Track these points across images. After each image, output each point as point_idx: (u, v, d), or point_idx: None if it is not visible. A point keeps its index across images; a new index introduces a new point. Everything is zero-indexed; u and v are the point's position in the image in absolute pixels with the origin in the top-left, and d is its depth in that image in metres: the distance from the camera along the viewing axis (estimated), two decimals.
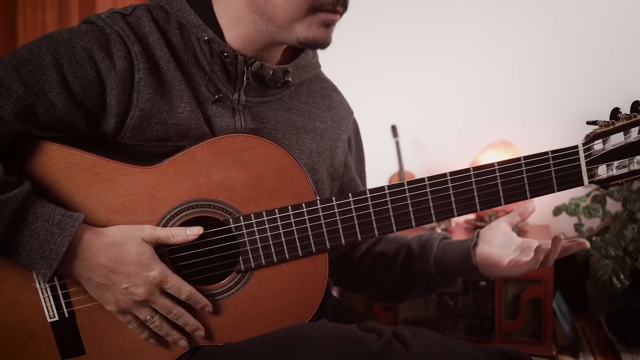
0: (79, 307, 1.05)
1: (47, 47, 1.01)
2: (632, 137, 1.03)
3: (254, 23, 1.09)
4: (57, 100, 1.00)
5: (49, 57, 1.00)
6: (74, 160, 1.02)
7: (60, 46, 1.02)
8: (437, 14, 2.47)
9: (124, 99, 1.05)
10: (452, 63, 2.47)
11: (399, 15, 2.49)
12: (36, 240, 0.96)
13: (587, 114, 2.37)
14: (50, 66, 1.00)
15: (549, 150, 1.05)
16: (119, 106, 1.05)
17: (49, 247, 0.96)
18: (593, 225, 2.22)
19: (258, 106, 1.17)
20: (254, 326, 1.07)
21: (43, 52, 1.01)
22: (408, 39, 2.49)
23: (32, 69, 0.99)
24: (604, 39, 2.33)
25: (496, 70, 2.44)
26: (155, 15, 1.11)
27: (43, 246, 0.96)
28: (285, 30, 1.08)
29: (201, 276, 1.08)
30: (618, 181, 1.05)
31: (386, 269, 1.32)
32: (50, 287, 1.03)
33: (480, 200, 1.06)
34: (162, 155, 1.06)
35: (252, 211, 1.06)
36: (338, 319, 1.12)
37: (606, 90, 2.34)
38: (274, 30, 1.08)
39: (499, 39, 2.43)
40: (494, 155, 2.20)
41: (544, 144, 2.40)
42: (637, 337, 2.00)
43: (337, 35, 1.13)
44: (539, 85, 2.41)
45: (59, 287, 1.04)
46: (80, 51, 1.03)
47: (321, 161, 1.24)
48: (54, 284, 1.04)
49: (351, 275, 1.37)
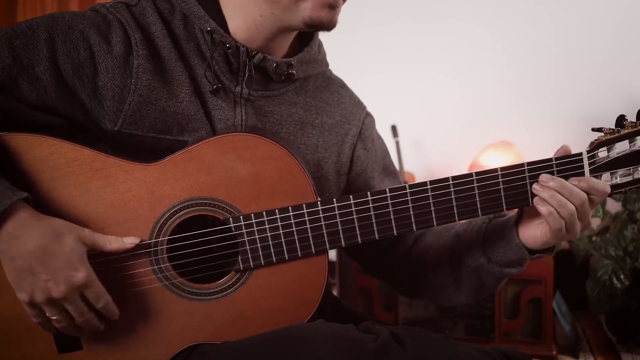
0: None
1: (45, 25, 1.04)
2: (637, 145, 1.02)
3: (259, 7, 1.08)
4: (43, 76, 1.02)
5: (44, 33, 1.03)
6: (74, 156, 1.02)
7: (58, 25, 1.04)
8: (437, 14, 2.47)
9: (119, 83, 1.05)
10: (452, 63, 2.47)
11: (399, 15, 2.49)
12: None
13: (587, 114, 2.38)
14: (43, 42, 1.02)
15: (553, 157, 1.04)
16: (114, 89, 1.05)
17: None
18: (593, 225, 2.22)
19: (261, 100, 1.16)
20: (251, 326, 1.07)
21: (40, 29, 1.03)
22: (408, 39, 2.49)
23: (25, 42, 1.02)
24: (603, 39, 2.33)
25: (496, 70, 2.44)
26: (160, 6, 1.12)
27: None
28: (290, 12, 1.07)
29: (199, 275, 1.07)
30: (621, 189, 1.04)
31: (436, 259, 1.23)
32: None
33: (482, 206, 1.05)
34: (162, 150, 1.06)
35: (253, 211, 1.05)
36: (337, 318, 1.11)
37: (606, 90, 2.34)
38: (279, 13, 1.08)
39: (499, 39, 2.43)
40: (494, 156, 2.21)
41: (544, 144, 2.40)
42: (636, 337, 2.00)
43: (337, 35, 1.13)
44: (539, 86, 2.41)
45: None
46: (77, 33, 1.04)
47: (327, 156, 1.23)
48: None
49: (404, 272, 1.28)
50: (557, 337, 2.04)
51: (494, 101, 2.45)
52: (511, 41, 2.42)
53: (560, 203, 1.01)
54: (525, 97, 2.42)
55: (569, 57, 2.37)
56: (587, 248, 2.07)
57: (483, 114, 2.45)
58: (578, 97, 2.37)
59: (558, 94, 2.39)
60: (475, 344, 1.08)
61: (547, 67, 2.39)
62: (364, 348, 0.94)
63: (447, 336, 1.08)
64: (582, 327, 2.20)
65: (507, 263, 1.14)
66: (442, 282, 1.23)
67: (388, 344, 0.96)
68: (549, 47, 2.39)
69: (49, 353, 1.05)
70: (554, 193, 1.01)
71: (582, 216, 1.02)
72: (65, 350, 1.05)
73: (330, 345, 0.94)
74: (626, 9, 2.30)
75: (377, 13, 2.49)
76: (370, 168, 1.29)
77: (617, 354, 1.97)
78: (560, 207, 1.01)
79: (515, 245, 1.10)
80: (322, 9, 1.07)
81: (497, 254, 1.14)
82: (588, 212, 1.03)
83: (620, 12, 2.30)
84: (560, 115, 2.38)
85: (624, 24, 2.31)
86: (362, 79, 2.48)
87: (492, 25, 2.43)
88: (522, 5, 2.40)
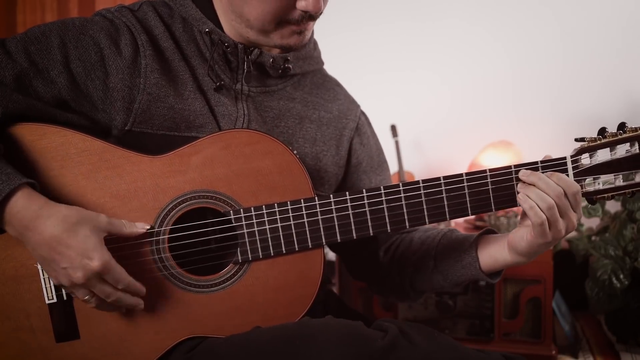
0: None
1: (58, 30, 1.09)
2: (617, 154, 1.09)
3: (239, 25, 1.14)
4: (58, 78, 1.07)
5: (57, 39, 1.08)
6: (84, 146, 1.06)
7: (69, 31, 1.10)
8: (437, 14, 2.47)
9: (129, 83, 1.10)
10: (452, 63, 2.47)
11: (399, 15, 2.50)
12: None
13: (587, 114, 2.39)
14: (57, 47, 1.08)
15: (539, 160, 1.10)
16: (124, 89, 1.10)
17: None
18: (592, 225, 2.22)
19: (260, 96, 1.21)
20: (246, 320, 1.09)
21: (53, 34, 1.09)
22: (408, 39, 2.50)
23: (40, 47, 1.07)
24: (603, 39, 2.34)
25: (496, 70, 2.45)
26: (160, 11, 1.18)
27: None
28: (263, 36, 1.13)
29: (198, 266, 1.09)
30: (604, 195, 1.11)
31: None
32: None
33: (472, 205, 1.10)
34: (171, 148, 1.09)
35: (252, 205, 1.08)
36: (342, 317, 1.12)
37: (605, 89, 2.35)
38: (253, 35, 1.13)
39: (499, 39, 2.43)
40: (493, 155, 2.21)
41: (543, 143, 2.42)
42: (636, 337, 2.00)
43: (337, 35, 1.14)
44: (539, 85, 2.41)
45: None
46: (88, 37, 1.10)
47: (326, 150, 1.27)
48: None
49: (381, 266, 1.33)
50: (556, 337, 2.04)
51: (493, 101, 2.45)
52: (511, 41, 2.42)
53: (539, 196, 1.06)
54: (525, 97, 2.42)
55: (569, 57, 2.38)
56: (587, 248, 2.07)
57: (483, 114, 2.46)
58: (578, 96, 2.37)
59: (558, 94, 2.39)
60: (475, 344, 1.09)
61: (546, 66, 2.40)
62: (373, 344, 0.95)
63: (447, 336, 1.11)
64: (582, 327, 2.20)
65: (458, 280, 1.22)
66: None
67: (396, 341, 0.97)
68: (549, 47, 2.39)
69: (46, 342, 1.06)
70: (534, 188, 1.07)
71: (563, 213, 1.07)
72: (63, 339, 1.06)
73: (339, 341, 0.95)
74: (626, 9, 2.31)
75: (377, 13, 2.50)
76: (366, 163, 1.34)
77: (617, 354, 1.97)
78: (539, 200, 1.06)
79: (470, 265, 1.18)
80: (290, 37, 1.13)
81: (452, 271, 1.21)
82: (568, 208, 1.08)
83: (622, 12, 2.31)
84: (559, 115, 2.39)
85: (625, 24, 2.31)
86: (361, 78, 2.50)
87: (491, 25, 2.43)
88: (521, 5, 2.40)
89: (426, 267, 1.25)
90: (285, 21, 1.10)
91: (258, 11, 1.08)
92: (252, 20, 1.10)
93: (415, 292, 1.30)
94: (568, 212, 1.08)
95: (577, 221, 1.10)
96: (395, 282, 1.31)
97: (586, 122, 2.35)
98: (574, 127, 2.34)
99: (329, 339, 0.95)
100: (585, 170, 1.10)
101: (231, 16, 1.14)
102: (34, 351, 1.06)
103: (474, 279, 1.21)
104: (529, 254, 1.12)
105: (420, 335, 1.00)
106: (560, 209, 1.07)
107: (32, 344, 1.06)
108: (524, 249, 1.12)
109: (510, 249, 1.14)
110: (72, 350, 1.06)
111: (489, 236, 1.22)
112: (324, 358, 0.93)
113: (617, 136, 1.09)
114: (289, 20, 1.10)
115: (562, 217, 1.08)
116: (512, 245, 1.13)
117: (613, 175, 1.10)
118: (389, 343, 0.96)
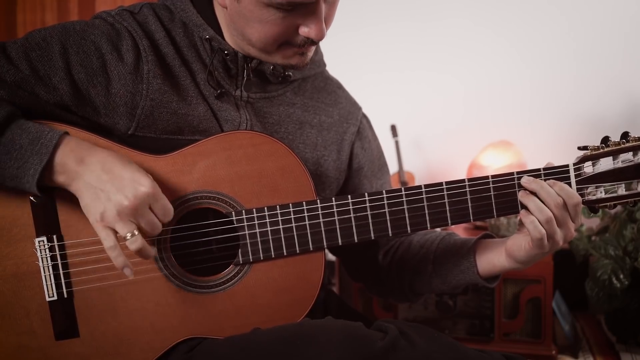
0: (78, 287, 1.06)
1: (59, 36, 1.08)
2: (620, 163, 1.10)
3: (241, 42, 1.13)
4: (60, 85, 1.07)
5: (58, 45, 1.07)
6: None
7: (70, 36, 1.09)
8: (437, 14, 2.47)
9: (131, 89, 1.09)
10: (452, 63, 2.47)
11: (399, 15, 2.50)
12: (27, 137, 0.98)
13: (588, 115, 2.39)
14: (58, 53, 1.07)
15: (541, 167, 1.11)
16: (127, 95, 1.09)
17: (39, 142, 0.98)
18: (592, 225, 2.22)
19: (260, 102, 1.20)
20: (246, 321, 1.09)
21: (54, 40, 1.08)
22: (408, 39, 2.49)
23: (41, 54, 1.06)
24: (605, 39, 2.34)
25: (496, 70, 2.45)
26: (160, 14, 1.16)
27: (33, 142, 0.98)
28: (265, 55, 1.12)
29: (199, 266, 1.09)
30: (606, 204, 1.12)
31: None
32: (52, 267, 1.04)
33: (474, 212, 1.11)
34: (173, 150, 1.09)
35: (254, 206, 1.08)
36: (342, 318, 1.12)
37: (607, 90, 2.35)
38: (255, 52, 1.13)
39: (499, 38, 2.43)
40: (493, 155, 2.20)
41: (543, 144, 2.42)
42: (636, 337, 2.00)
43: (337, 35, 1.14)
44: (539, 85, 2.41)
45: (60, 267, 1.05)
46: (89, 43, 1.09)
47: (327, 154, 1.26)
48: (56, 263, 1.04)
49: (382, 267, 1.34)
50: (556, 337, 2.04)
51: (493, 101, 2.45)
52: (511, 41, 2.42)
53: (538, 208, 1.07)
54: (526, 97, 2.42)
55: (570, 57, 2.37)
56: (587, 248, 2.07)
57: (483, 114, 2.46)
58: (578, 97, 2.37)
59: (558, 95, 2.39)
60: (475, 344, 1.10)
61: (547, 67, 2.40)
62: (373, 345, 0.95)
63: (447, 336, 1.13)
64: (582, 327, 2.20)
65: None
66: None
67: (396, 342, 0.97)
68: (549, 47, 2.39)
69: (46, 340, 1.06)
70: (534, 197, 1.08)
71: (562, 223, 1.08)
72: (62, 337, 1.06)
73: (339, 342, 0.95)
74: (629, 11, 2.30)
75: (377, 13, 2.50)
76: (367, 167, 1.33)
77: (617, 354, 1.97)
78: (538, 213, 1.07)
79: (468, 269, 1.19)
80: (292, 57, 1.12)
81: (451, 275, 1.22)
82: (567, 219, 1.09)
83: (624, 13, 2.31)
84: (560, 115, 2.38)
85: (627, 26, 2.31)
86: (361, 78, 2.50)
87: (492, 25, 2.43)
88: (522, 5, 2.40)
89: (425, 271, 1.26)
90: (287, 43, 1.10)
91: (260, 34, 1.08)
92: (253, 41, 1.10)
93: (414, 295, 1.31)
94: (567, 222, 1.09)
95: (576, 229, 1.12)
96: (394, 284, 1.31)
97: (587, 123, 2.35)
98: (574, 128, 2.34)
99: (329, 340, 0.96)
100: (587, 179, 1.11)
101: (233, 32, 1.13)
102: (33, 349, 1.05)
103: (472, 282, 1.22)
104: (527, 262, 1.14)
105: (420, 336, 1.00)
106: (559, 220, 1.08)
107: (31, 341, 1.05)
108: (522, 258, 1.13)
109: (508, 256, 1.15)
110: (71, 348, 1.06)
111: (487, 241, 1.22)
112: (324, 359, 0.94)
113: (620, 145, 1.10)
114: (292, 43, 1.09)
115: (561, 228, 1.09)
116: (510, 253, 1.14)
117: (615, 184, 1.11)
118: (389, 344, 0.96)
